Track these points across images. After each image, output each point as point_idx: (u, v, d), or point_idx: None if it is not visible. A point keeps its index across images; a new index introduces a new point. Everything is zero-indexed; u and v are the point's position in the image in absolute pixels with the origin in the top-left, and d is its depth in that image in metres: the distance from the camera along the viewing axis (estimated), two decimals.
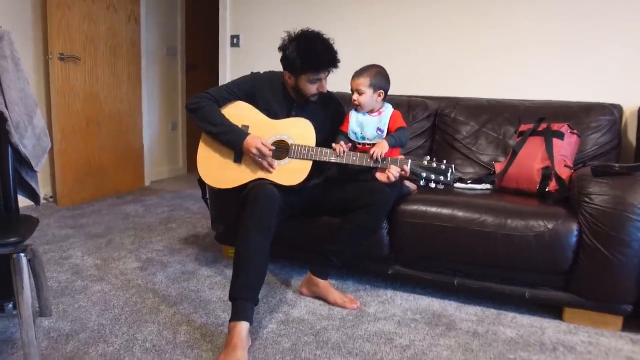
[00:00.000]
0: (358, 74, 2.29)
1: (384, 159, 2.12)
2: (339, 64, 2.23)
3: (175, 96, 5.25)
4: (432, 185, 2.07)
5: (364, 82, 2.26)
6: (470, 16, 3.22)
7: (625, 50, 2.85)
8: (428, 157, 2.12)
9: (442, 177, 2.07)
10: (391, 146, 2.18)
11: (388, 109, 2.32)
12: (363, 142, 2.29)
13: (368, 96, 2.27)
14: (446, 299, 2.33)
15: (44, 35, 3.72)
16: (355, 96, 2.28)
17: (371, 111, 2.32)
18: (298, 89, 2.26)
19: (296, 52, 2.17)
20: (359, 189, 2.22)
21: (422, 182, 2.09)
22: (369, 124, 2.29)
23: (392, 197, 2.19)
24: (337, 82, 2.43)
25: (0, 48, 1.81)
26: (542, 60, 3.06)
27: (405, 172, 2.11)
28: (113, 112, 4.24)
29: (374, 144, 2.22)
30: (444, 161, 2.10)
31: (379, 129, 2.28)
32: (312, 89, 2.24)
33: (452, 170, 2.07)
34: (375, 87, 2.27)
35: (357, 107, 2.31)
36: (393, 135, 2.23)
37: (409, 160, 2.10)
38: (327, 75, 2.26)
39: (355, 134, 2.30)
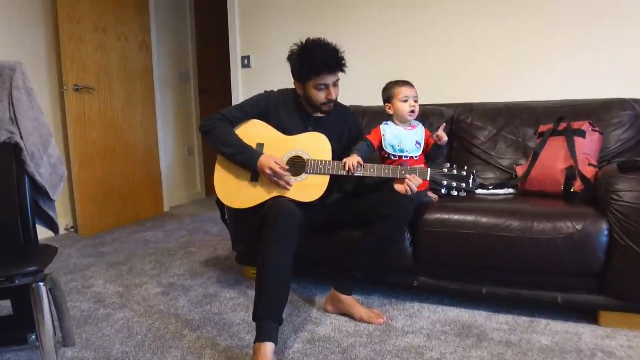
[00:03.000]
0: (409, 83, 2.28)
1: (403, 169, 2.08)
2: (346, 69, 2.21)
3: (190, 120, 5.29)
4: (454, 193, 2.03)
5: (416, 92, 2.27)
6: (480, 20, 3.20)
7: None
8: (448, 165, 2.07)
9: (463, 184, 2.02)
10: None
11: (419, 125, 2.33)
12: (400, 154, 2.26)
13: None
14: (475, 309, 2.26)
15: (58, 67, 3.79)
16: (413, 102, 2.25)
17: (404, 125, 2.30)
18: (308, 98, 2.24)
19: (299, 60, 2.18)
20: (376, 201, 2.18)
21: (443, 191, 2.04)
22: (407, 137, 2.27)
23: (410, 208, 2.14)
24: (349, 94, 2.41)
25: (13, 79, 1.83)
26: (557, 59, 3.01)
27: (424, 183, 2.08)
28: (129, 139, 4.28)
29: (411, 157, 2.24)
30: (465, 167, 2.05)
31: (417, 142, 2.27)
32: (320, 96, 2.22)
33: (473, 176, 2.03)
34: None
35: (413, 115, 2.27)
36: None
37: (429, 169, 2.06)
38: (336, 81, 2.22)
39: (392, 146, 2.27)
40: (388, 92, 2.31)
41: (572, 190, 2.26)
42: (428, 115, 2.95)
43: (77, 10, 3.71)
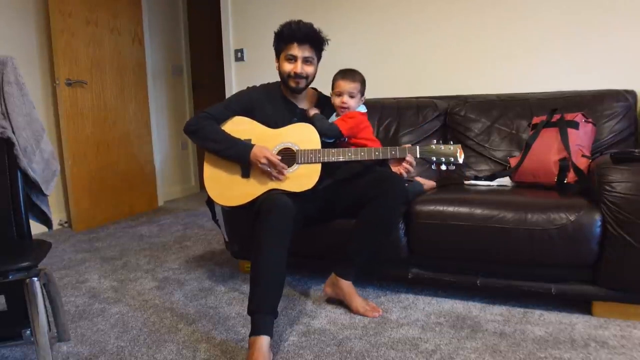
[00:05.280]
0: (350, 77, 2.27)
1: (392, 149, 2.08)
2: (323, 47, 2.27)
3: (184, 114, 5.27)
4: (443, 167, 2.07)
5: (356, 87, 2.27)
6: (473, 12, 3.19)
7: (635, 34, 2.80)
8: (435, 141, 2.10)
9: (452, 159, 2.05)
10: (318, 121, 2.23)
11: (345, 113, 2.30)
12: None
13: (356, 100, 2.28)
14: (470, 301, 2.27)
15: (50, 62, 3.76)
16: (346, 99, 2.26)
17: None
18: (280, 73, 2.29)
19: (276, 34, 2.27)
20: (367, 182, 2.17)
21: (433, 167, 2.09)
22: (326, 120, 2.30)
23: (403, 186, 2.13)
24: None
25: (4, 74, 1.81)
26: (550, 50, 3.01)
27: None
28: (122, 134, 4.26)
29: (340, 141, 2.28)
30: (451, 142, 2.08)
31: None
32: (287, 67, 2.25)
33: (459, 150, 2.06)
34: (362, 93, 2.31)
35: (344, 110, 2.28)
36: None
37: (417, 147, 2.08)
38: (307, 58, 2.24)
39: None
40: (332, 82, 2.33)
41: (565, 181, 2.27)
42: (422, 108, 2.96)
43: (68, 4, 3.68)
